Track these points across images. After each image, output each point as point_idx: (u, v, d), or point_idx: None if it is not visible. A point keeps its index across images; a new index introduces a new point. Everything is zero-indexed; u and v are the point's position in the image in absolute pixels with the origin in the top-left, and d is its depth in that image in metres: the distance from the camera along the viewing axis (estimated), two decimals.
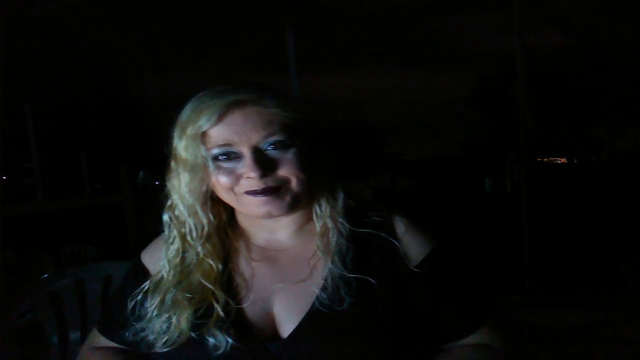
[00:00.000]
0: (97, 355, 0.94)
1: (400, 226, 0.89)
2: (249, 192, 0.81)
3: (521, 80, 3.90)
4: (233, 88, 0.83)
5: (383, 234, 0.87)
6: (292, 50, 4.60)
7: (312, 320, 0.81)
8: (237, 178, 0.82)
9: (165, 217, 0.90)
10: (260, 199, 0.81)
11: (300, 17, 4.80)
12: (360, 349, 0.79)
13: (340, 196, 0.89)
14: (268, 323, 0.83)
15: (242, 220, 0.92)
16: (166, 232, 0.91)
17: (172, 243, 0.89)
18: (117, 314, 0.94)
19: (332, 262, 0.84)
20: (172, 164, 0.88)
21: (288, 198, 0.82)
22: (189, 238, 0.87)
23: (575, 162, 13.65)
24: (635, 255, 3.92)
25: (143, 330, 0.86)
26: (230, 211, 0.93)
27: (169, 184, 0.90)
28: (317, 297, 0.82)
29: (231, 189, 0.83)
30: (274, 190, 0.81)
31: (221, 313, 0.82)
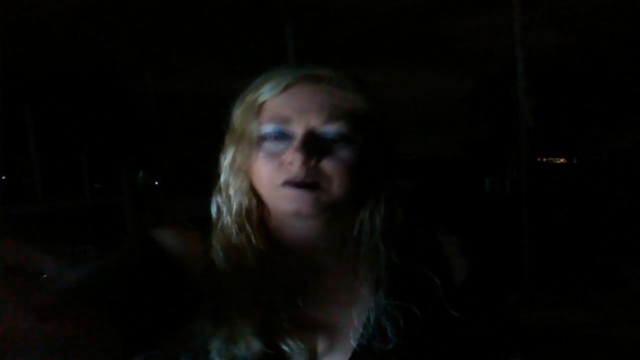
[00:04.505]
0: None
1: (450, 245, 0.81)
2: (285, 183, 0.71)
3: (521, 80, 3.90)
4: (311, 64, 0.74)
5: (432, 257, 0.79)
6: (292, 50, 4.60)
7: None
8: (279, 165, 0.71)
9: (215, 199, 0.79)
10: (294, 192, 0.70)
11: (300, 17, 4.80)
12: None
13: (400, 218, 0.78)
14: (311, 357, 0.73)
15: (274, 231, 0.80)
16: (215, 217, 0.79)
17: (224, 228, 0.77)
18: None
19: (377, 295, 0.74)
20: (226, 138, 0.78)
21: (324, 198, 0.71)
22: (237, 220, 0.76)
23: (575, 162, 13.67)
24: (635, 255, 3.92)
25: (189, 344, 0.73)
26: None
27: (220, 163, 0.79)
28: (362, 336, 0.73)
29: (269, 179, 0.72)
30: (310, 185, 0.70)
31: (286, 317, 0.72)
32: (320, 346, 0.73)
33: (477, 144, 14.73)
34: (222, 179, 0.78)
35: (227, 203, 0.78)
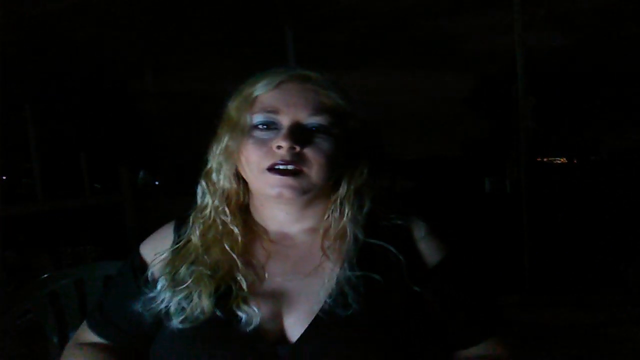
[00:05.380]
0: (81, 352, 0.92)
1: (418, 230, 0.88)
2: (271, 168, 0.80)
3: (521, 80, 3.90)
4: (300, 66, 0.86)
5: (400, 239, 0.86)
6: (292, 50, 4.60)
7: (319, 325, 0.79)
8: (267, 151, 0.81)
9: (201, 183, 0.89)
10: (277, 177, 0.80)
11: (300, 17, 4.80)
12: (367, 355, 0.78)
13: (367, 204, 0.87)
14: (276, 322, 0.82)
15: (255, 212, 0.91)
16: (199, 200, 0.89)
17: (204, 209, 0.88)
18: (107, 308, 0.93)
19: (342, 268, 0.83)
20: (219, 129, 0.87)
21: (304, 183, 0.81)
22: (219, 203, 0.87)
23: (575, 162, 13.67)
24: (635, 255, 3.92)
25: (152, 303, 0.83)
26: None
27: (210, 151, 0.88)
28: (325, 302, 0.81)
29: (257, 163, 0.82)
30: (294, 172, 0.80)
31: (245, 287, 0.81)
32: (284, 311, 0.82)
33: (477, 144, 14.73)
34: (212, 164, 0.88)
35: (211, 187, 0.88)
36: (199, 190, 0.89)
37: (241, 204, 0.90)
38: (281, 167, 0.80)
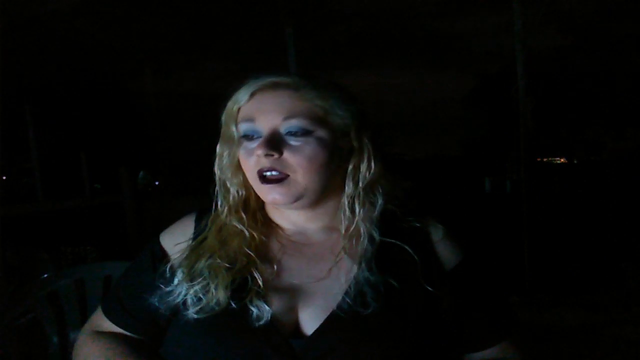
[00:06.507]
0: (99, 342, 0.91)
1: (436, 233, 0.89)
2: (259, 176, 0.82)
3: (521, 80, 3.90)
4: (276, 73, 0.85)
5: (417, 241, 0.87)
6: (292, 50, 4.59)
7: (336, 320, 0.80)
8: (254, 160, 0.83)
9: (218, 197, 0.91)
10: (266, 186, 0.82)
11: (300, 17, 4.80)
12: (384, 352, 0.79)
13: (379, 202, 0.87)
14: (291, 316, 0.83)
15: (271, 211, 0.92)
16: (218, 205, 0.91)
17: (220, 214, 0.90)
18: (124, 296, 0.93)
19: (359, 267, 0.83)
20: (219, 143, 0.90)
21: (293, 188, 0.82)
22: (232, 206, 0.89)
23: (575, 162, 13.68)
24: (636, 255, 3.92)
25: (169, 297, 0.84)
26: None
27: (217, 164, 0.90)
28: (342, 300, 0.81)
29: (250, 172, 0.84)
30: (279, 179, 0.81)
31: (260, 282, 0.82)
32: (300, 306, 0.83)
33: (477, 144, 14.73)
34: (221, 177, 0.90)
35: (226, 195, 0.90)
36: (218, 201, 0.91)
37: (258, 205, 0.92)
38: (267, 174, 0.81)
